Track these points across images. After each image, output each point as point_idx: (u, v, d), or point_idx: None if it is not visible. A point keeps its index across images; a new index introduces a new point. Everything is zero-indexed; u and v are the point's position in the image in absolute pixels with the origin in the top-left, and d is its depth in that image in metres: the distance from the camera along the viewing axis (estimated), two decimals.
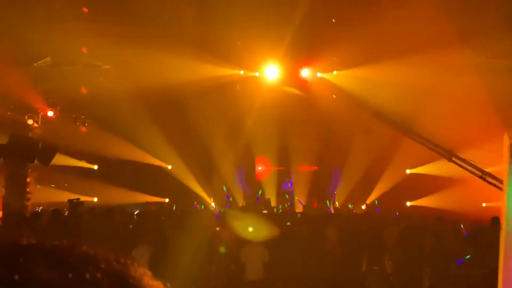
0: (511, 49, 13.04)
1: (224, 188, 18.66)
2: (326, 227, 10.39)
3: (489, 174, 10.01)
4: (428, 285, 9.97)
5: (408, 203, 18.30)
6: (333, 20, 15.48)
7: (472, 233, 11.10)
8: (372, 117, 11.99)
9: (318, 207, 17.11)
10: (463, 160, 10.03)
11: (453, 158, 10.20)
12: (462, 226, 11.93)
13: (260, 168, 19.89)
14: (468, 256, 10.12)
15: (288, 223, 11.74)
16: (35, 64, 14.06)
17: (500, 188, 9.74)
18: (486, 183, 14.74)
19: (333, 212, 15.91)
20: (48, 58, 14.11)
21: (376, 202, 17.83)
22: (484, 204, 16.87)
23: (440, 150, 10.56)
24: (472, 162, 10.07)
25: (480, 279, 9.99)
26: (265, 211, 15.23)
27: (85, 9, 13.83)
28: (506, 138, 3.83)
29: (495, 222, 10.92)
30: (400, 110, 13.18)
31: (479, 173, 9.98)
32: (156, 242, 9.18)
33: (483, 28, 12.86)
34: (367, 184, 18.43)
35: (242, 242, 9.80)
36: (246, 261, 9.56)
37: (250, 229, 9.84)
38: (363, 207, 17.94)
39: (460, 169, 15.45)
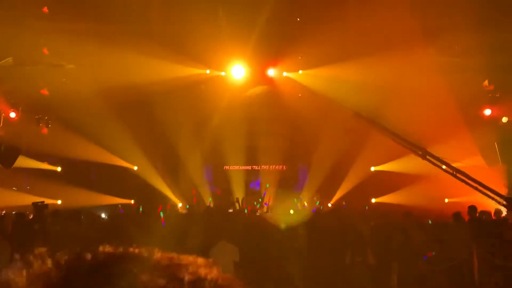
0: (473, 47, 13.36)
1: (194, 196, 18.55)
2: (296, 225, 10.48)
3: (460, 171, 10.26)
4: (396, 281, 10.16)
5: (373, 200, 18.57)
6: (298, 19, 15.58)
7: (436, 229, 11.37)
8: (353, 116, 12.11)
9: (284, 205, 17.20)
10: (437, 157, 10.25)
11: (427, 156, 10.41)
12: (430, 222, 12.20)
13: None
14: (434, 252, 10.37)
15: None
16: None
17: (470, 185, 10.01)
18: (448, 180, 15.12)
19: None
20: (10, 58, 13.78)
21: (344, 202, 18.03)
22: (446, 200, 17.30)
23: (413, 148, 10.76)
24: (444, 160, 10.30)
25: (445, 273, 10.27)
26: (231, 210, 15.21)
27: (45, 10, 13.56)
28: None
29: (457, 217, 11.23)
30: (365, 108, 13.35)
31: (450, 171, 10.21)
32: (123, 245, 9.06)
33: (446, 27, 13.16)
34: (333, 181, 18.61)
35: (211, 241, 9.78)
36: (217, 260, 9.52)
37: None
38: (330, 204, 18.11)
39: (423, 166, 15.81)
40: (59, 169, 18.38)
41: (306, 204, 17.24)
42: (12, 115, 14.61)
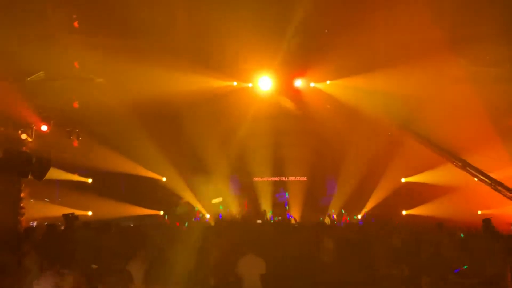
0: (505, 57, 13.12)
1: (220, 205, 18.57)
2: (323, 238, 10.35)
3: (499, 183, 10.02)
4: None
5: (404, 212, 18.28)
6: (326, 30, 15.54)
7: (468, 241, 11.10)
8: (397, 128, 12.03)
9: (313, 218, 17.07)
10: (476, 169, 10.07)
11: (467, 167, 10.23)
12: (462, 235, 11.93)
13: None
14: (465, 266, 10.13)
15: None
16: (29, 79, 14.01)
17: (508, 197, 9.71)
18: (480, 191, 14.80)
19: (329, 223, 15.84)
20: (42, 72, 14.06)
21: (367, 213, 17.81)
22: (479, 212, 16.91)
23: (453, 159, 10.61)
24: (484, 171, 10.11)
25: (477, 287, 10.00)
26: (259, 221, 15.19)
27: (76, 24, 13.82)
28: None
29: (487, 225, 10.92)
30: (396, 118, 13.20)
31: (489, 182, 10.00)
32: (152, 255, 9.10)
33: (476, 37, 12.94)
34: (363, 193, 18.39)
35: (238, 254, 9.74)
36: (243, 273, 9.48)
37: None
38: (359, 216, 17.90)
39: (455, 177, 15.54)
40: (90, 180, 18.64)
41: (335, 216, 17.06)
42: (44, 128, 14.87)
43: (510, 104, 15.34)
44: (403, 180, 18.53)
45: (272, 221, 14.71)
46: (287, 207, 18.20)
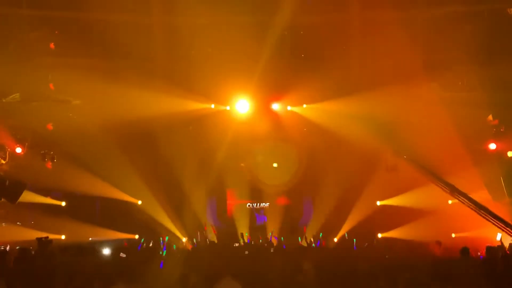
0: (475, 82, 13.46)
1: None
2: (302, 261, 10.33)
3: (484, 207, 10.16)
4: None
5: (379, 235, 18.36)
6: (302, 55, 15.78)
7: (444, 265, 11.16)
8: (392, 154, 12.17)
9: (290, 241, 17.03)
10: (464, 194, 10.20)
11: (455, 193, 10.36)
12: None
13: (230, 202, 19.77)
14: None
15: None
16: (4, 100, 13.85)
17: (491, 221, 9.82)
18: (454, 214, 14.99)
19: (304, 245, 15.82)
20: (17, 94, 13.93)
21: (346, 235, 17.82)
22: (453, 235, 17.10)
23: (442, 184, 10.74)
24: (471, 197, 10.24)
25: None
26: (237, 245, 15.08)
27: (52, 46, 13.77)
28: None
29: (465, 253, 11.01)
30: (371, 142, 13.39)
31: (474, 207, 10.12)
32: (132, 281, 8.97)
33: (449, 62, 13.28)
34: (339, 216, 18.44)
35: (215, 277, 9.65)
36: None
37: None
38: (335, 239, 17.91)
39: (429, 200, 15.74)
40: (63, 203, 18.32)
41: (312, 239, 17.04)
42: (18, 150, 14.65)
43: (482, 128, 15.70)
44: (378, 203, 18.65)
45: (249, 244, 14.63)
46: (265, 230, 18.09)
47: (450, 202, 15.58)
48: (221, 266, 10.13)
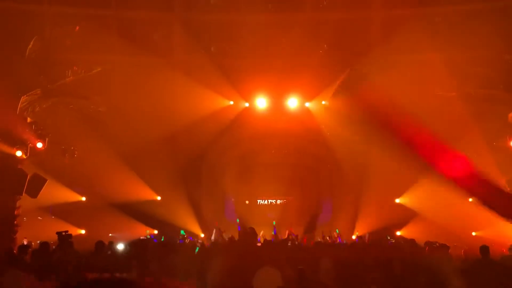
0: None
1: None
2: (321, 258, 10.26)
3: None
4: None
5: (398, 233, 18.20)
6: (320, 51, 15.69)
7: (466, 264, 10.98)
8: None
9: (308, 237, 16.97)
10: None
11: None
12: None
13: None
14: None
15: None
16: (25, 96, 14.01)
17: None
18: (475, 213, 14.77)
19: (326, 242, 15.74)
20: (38, 89, 14.07)
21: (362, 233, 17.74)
22: (473, 233, 16.89)
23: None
24: None
25: None
26: (259, 244, 15.02)
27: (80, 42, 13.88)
28: None
29: (484, 251, 10.82)
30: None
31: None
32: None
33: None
34: (357, 213, 18.32)
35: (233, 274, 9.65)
36: (260, 286, 9.30)
37: None
38: (354, 237, 17.80)
39: (448, 198, 15.53)
40: (83, 198, 18.48)
41: (336, 235, 16.97)
42: (39, 145, 14.78)
43: (502, 125, 15.44)
44: (397, 200, 18.50)
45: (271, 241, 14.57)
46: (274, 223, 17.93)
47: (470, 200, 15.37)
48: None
